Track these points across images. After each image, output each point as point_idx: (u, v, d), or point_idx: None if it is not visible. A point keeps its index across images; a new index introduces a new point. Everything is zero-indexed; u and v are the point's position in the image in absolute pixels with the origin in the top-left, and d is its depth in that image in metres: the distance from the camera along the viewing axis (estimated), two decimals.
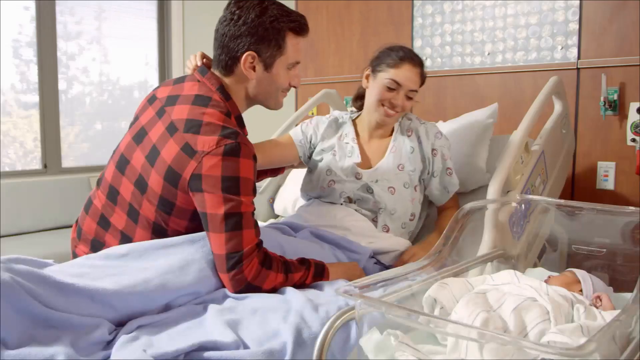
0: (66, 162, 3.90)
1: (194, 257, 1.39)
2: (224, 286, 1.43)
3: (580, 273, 1.39)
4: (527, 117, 1.96)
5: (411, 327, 1.05)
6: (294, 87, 1.70)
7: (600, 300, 1.28)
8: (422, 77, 1.98)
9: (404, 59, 1.91)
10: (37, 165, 3.78)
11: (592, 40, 2.76)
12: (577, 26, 2.80)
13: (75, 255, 1.66)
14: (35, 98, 3.72)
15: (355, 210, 1.95)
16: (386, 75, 1.91)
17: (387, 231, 1.95)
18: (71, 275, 1.26)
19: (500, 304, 1.13)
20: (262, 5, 1.55)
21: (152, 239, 1.52)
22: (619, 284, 1.46)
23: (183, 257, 1.38)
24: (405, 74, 1.91)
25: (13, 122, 3.66)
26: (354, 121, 2.11)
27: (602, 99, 2.67)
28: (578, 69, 2.80)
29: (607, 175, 2.75)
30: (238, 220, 1.40)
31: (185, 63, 4.26)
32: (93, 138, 4.05)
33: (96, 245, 1.59)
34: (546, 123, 2.21)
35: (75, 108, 3.95)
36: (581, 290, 1.34)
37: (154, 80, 4.29)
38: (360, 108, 2.11)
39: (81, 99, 3.98)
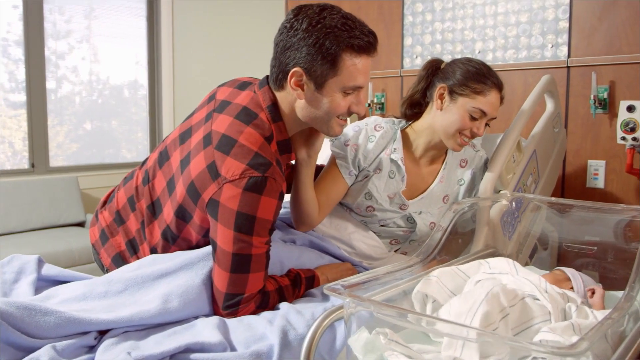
0: (55, 162, 3.87)
1: (194, 283, 1.33)
2: None
3: (569, 271, 1.39)
4: (519, 116, 1.95)
5: (401, 325, 1.03)
6: (357, 113, 1.47)
7: (593, 293, 1.28)
8: (502, 99, 1.76)
9: (494, 86, 1.69)
10: (25, 165, 3.75)
11: (583, 38, 2.76)
12: (567, 24, 2.80)
13: (97, 219, 1.64)
14: (24, 97, 3.69)
15: (382, 232, 1.80)
16: (472, 102, 1.67)
17: (405, 254, 1.85)
18: (73, 310, 1.22)
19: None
20: (320, 14, 1.35)
21: (160, 240, 1.50)
22: (610, 282, 1.45)
23: (182, 284, 1.32)
24: (492, 102, 1.69)
25: (1, 121, 3.63)
26: (403, 132, 1.83)
27: (592, 97, 2.66)
28: (568, 67, 2.79)
29: (597, 173, 2.75)
30: (246, 263, 1.31)
31: (174, 62, 4.24)
32: (82, 137, 4.02)
33: (118, 220, 1.58)
34: (538, 122, 2.20)
35: (64, 107, 3.92)
36: (572, 288, 1.34)
37: (143, 80, 4.26)
38: (411, 117, 1.84)
39: (71, 99, 3.95)
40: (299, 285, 1.48)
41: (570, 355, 0.77)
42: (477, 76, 1.69)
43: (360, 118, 1.84)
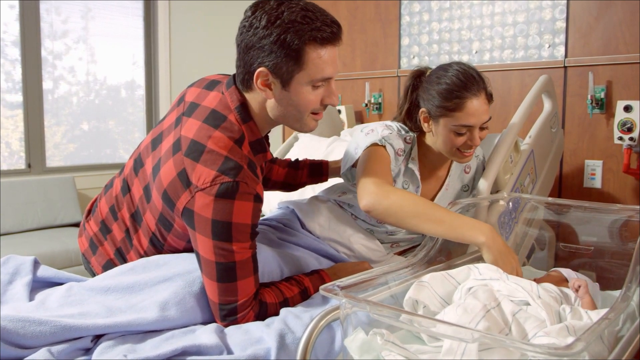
0: (52, 162, 3.86)
1: (192, 290, 1.31)
2: None
3: (566, 271, 1.39)
4: (517, 116, 1.94)
5: (397, 326, 1.03)
6: (331, 105, 1.41)
7: (577, 290, 1.27)
8: (490, 97, 1.64)
9: (470, 96, 1.57)
10: (21, 165, 3.74)
11: (579, 38, 2.76)
12: (564, 24, 2.80)
13: (84, 229, 1.62)
14: (20, 98, 3.68)
15: (385, 239, 1.78)
16: (452, 121, 1.59)
17: (406, 256, 1.84)
18: (69, 315, 1.21)
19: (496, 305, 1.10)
20: (278, 9, 1.28)
21: (149, 247, 1.49)
22: (606, 282, 1.45)
23: (180, 292, 1.30)
24: (473, 112, 1.57)
25: None
26: (417, 139, 1.76)
27: (589, 97, 2.67)
28: (565, 67, 2.80)
29: (594, 173, 2.75)
30: (232, 271, 1.28)
31: (171, 62, 4.23)
32: (79, 138, 4.01)
33: (103, 229, 1.56)
34: (536, 122, 2.20)
35: (61, 108, 3.91)
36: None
37: (140, 80, 4.26)
38: (412, 129, 1.76)
39: (68, 99, 3.94)
40: (307, 295, 1.45)
41: (567, 355, 0.77)
42: (448, 94, 1.59)
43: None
